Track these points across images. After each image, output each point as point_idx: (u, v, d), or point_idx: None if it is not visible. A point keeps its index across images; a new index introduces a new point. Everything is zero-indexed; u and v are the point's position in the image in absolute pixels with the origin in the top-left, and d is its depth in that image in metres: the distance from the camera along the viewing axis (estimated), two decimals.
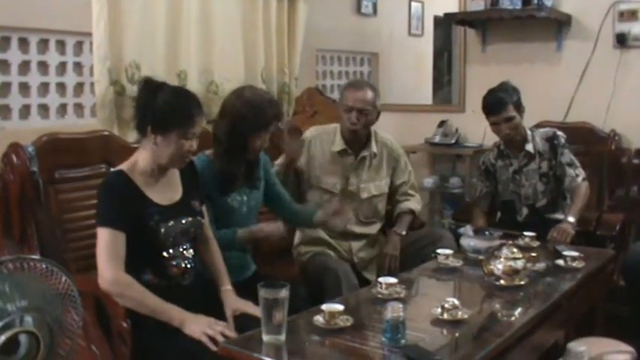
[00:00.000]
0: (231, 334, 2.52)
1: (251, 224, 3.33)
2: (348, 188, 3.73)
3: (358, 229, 3.78)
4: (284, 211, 3.51)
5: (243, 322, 2.66)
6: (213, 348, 2.41)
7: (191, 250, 2.85)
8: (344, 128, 3.70)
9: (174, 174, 2.90)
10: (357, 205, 3.74)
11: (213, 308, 2.74)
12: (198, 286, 2.86)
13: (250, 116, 3.12)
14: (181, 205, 2.86)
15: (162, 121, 2.68)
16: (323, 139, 3.76)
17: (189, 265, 2.82)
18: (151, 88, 2.76)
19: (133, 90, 3.60)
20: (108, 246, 2.61)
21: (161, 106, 2.69)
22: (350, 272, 3.42)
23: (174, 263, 2.77)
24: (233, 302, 2.82)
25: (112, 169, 2.84)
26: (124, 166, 2.77)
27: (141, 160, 2.77)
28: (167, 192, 2.84)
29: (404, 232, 3.78)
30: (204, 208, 3.01)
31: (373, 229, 3.86)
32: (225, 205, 3.24)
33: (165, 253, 2.75)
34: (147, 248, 2.71)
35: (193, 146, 2.76)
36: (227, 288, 2.90)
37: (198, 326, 2.52)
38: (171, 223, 2.76)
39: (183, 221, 2.81)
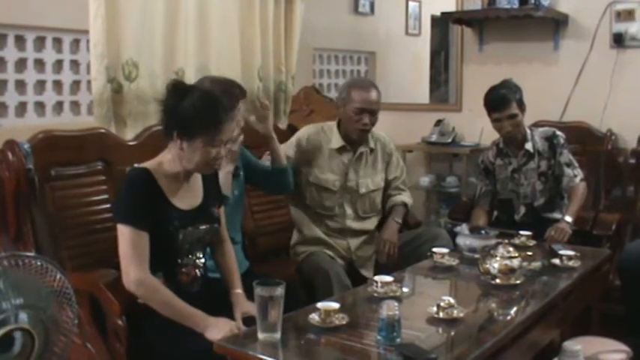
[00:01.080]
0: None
1: (239, 212, 3.39)
2: (347, 184, 3.73)
3: (357, 225, 3.77)
4: (265, 182, 3.57)
5: (251, 325, 2.64)
6: None
7: (203, 259, 2.83)
8: (351, 129, 3.67)
9: (197, 178, 2.86)
10: (356, 201, 3.74)
11: (219, 315, 2.68)
12: (205, 293, 2.81)
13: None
14: (201, 211, 2.82)
15: (187, 127, 2.63)
16: (319, 136, 3.76)
17: (199, 274, 2.80)
18: (178, 91, 2.68)
19: (130, 88, 3.61)
20: (133, 245, 2.57)
21: (187, 111, 2.62)
22: (342, 273, 3.43)
23: (184, 270, 2.75)
24: (243, 305, 2.77)
25: (135, 165, 2.77)
26: (148, 165, 2.72)
27: (166, 162, 2.72)
28: (188, 197, 2.80)
29: (400, 221, 3.79)
30: (221, 211, 2.99)
31: (371, 223, 3.85)
32: None
33: (179, 260, 2.73)
34: (162, 252, 2.67)
35: (221, 153, 2.70)
36: (238, 291, 2.86)
37: (219, 333, 2.46)
38: (189, 229, 2.73)
39: (202, 227, 2.79)
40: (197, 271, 2.79)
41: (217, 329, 2.49)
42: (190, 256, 2.77)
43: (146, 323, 2.59)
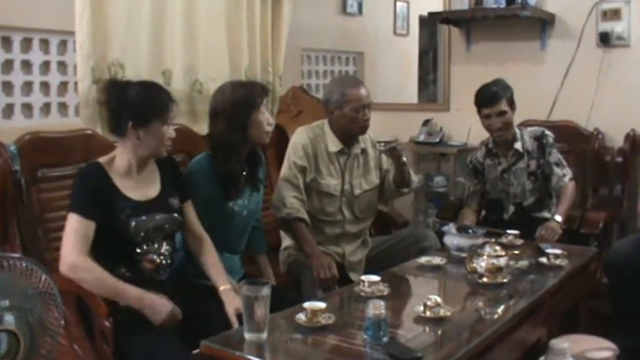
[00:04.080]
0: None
1: (249, 227, 3.38)
2: (344, 187, 3.68)
3: (354, 228, 3.73)
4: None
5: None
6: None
7: (168, 247, 2.86)
8: (354, 127, 3.59)
9: (153, 171, 2.92)
10: (352, 203, 3.69)
11: (190, 304, 2.75)
12: (173, 281, 2.87)
13: (242, 96, 3.17)
14: (157, 201, 2.87)
15: (141, 115, 2.75)
16: (317, 140, 3.65)
17: (164, 262, 2.84)
18: (119, 87, 2.83)
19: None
20: (74, 232, 2.65)
21: (136, 100, 2.75)
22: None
23: (147, 258, 2.79)
24: (233, 301, 2.75)
25: (89, 161, 2.87)
26: (101, 159, 2.81)
27: (118, 158, 2.81)
28: (143, 189, 2.85)
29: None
30: (188, 204, 3.01)
31: (367, 224, 3.83)
32: (227, 209, 3.23)
33: (137, 249, 2.77)
34: (119, 242, 2.74)
35: (172, 133, 2.83)
36: (225, 287, 2.86)
37: (160, 316, 2.59)
38: (143, 218, 2.77)
39: (158, 217, 2.82)
40: (161, 258, 2.82)
41: (157, 314, 2.59)
42: (150, 245, 2.80)
43: (127, 324, 2.60)
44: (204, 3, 4.09)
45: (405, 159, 3.61)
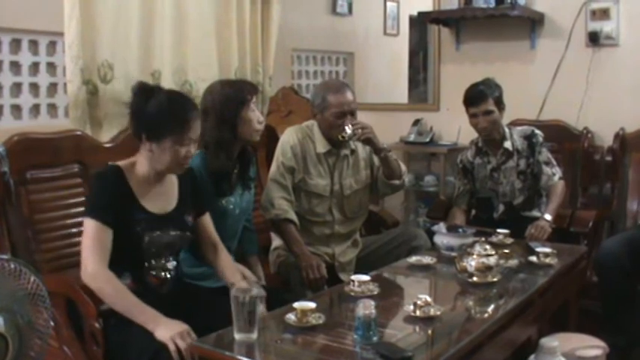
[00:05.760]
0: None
1: (241, 227, 3.40)
2: (334, 188, 3.67)
3: (344, 229, 3.73)
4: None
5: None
6: (176, 359, 2.36)
7: (174, 262, 2.81)
8: (334, 133, 3.55)
9: (172, 184, 2.84)
10: (342, 203, 3.69)
11: (192, 316, 2.64)
12: (176, 293, 2.80)
13: (232, 93, 3.18)
14: (173, 216, 2.80)
15: (155, 128, 2.62)
16: (306, 140, 3.64)
17: (168, 276, 2.78)
18: (144, 93, 2.68)
19: (105, 90, 3.59)
20: (94, 238, 2.56)
21: (153, 112, 2.62)
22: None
23: (153, 273, 2.73)
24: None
25: (109, 163, 2.75)
26: (121, 163, 2.71)
27: (139, 164, 2.71)
28: (160, 201, 2.78)
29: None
30: (206, 217, 2.97)
31: (358, 224, 3.83)
32: (220, 206, 3.23)
33: (146, 263, 2.71)
34: (128, 253, 2.65)
35: (191, 152, 2.70)
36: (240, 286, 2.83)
37: (167, 332, 2.42)
38: (157, 233, 2.70)
39: (172, 233, 2.76)
40: (166, 274, 2.77)
41: (165, 330, 2.43)
42: (158, 260, 2.74)
43: (109, 323, 2.58)
44: (193, 4, 4.08)
45: (384, 146, 3.60)
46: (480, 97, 3.90)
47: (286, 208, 3.48)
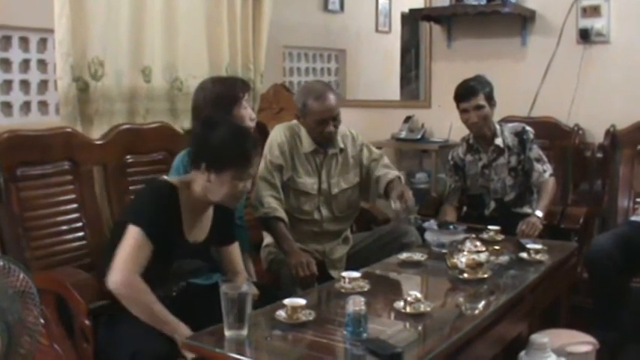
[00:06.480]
0: None
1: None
2: (321, 186, 3.66)
3: (333, 227, 3.72)
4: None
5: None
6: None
7: (184, 283, 2.82)
8: (317, 137, 3.57)
9: (209, 214, 2.84)
10: (331, 202, 3.67)
11: (187, 303, 2.70)
12: (184, 295, 2.80)
13: (224, 90, 3.18)
14: (202, 247, 2.82)
15: (217, 160, 2.62)
16: (294, 139, 3.63)
17: (178, 291, 2.80)
18: (209, 124, 2.71)
19: (96, 86, 3.58)
20: (135, 247, 2.54)
21: (218, 144, 2.63)
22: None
23: (170, 290, 2.75)
24: None
25: (165, 178, 2.79)
26: (176, 182, 2.72)
27: (193, 189, 2.71)
28: (197, 229, 2.79)
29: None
30: (235, 246, 2.98)
31: (348, 222, 3.83)
32: None
33: (165, 282, 2.72)
34: (153, 269, 2.61)
35: (247, 187, 2.73)
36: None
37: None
38: (186, 261, 2.75)
39: (198, 263, 2.81)
40: (177, 288, 2.79)
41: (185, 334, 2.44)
42: (176, 281, 2.77)
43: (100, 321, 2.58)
44: (184, 0, 4.07)
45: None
46: (471, 92, 3.91)
47: (275, 206, 3.48)
